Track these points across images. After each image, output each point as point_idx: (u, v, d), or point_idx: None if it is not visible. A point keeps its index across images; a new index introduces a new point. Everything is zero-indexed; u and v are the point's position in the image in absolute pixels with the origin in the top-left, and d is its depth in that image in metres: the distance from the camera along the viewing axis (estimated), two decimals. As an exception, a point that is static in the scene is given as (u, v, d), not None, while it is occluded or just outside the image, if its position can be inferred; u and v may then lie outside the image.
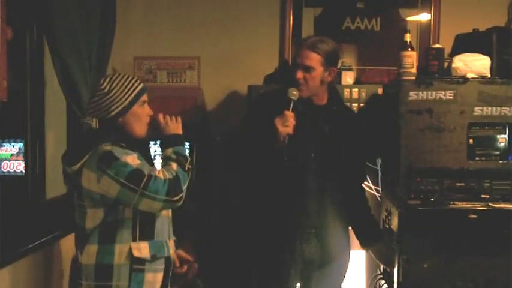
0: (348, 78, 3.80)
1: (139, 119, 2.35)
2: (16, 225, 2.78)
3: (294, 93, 2.70)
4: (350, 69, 3.82)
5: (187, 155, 2.39)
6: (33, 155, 3.20)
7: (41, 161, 3.24)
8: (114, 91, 2.30)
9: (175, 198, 2.24)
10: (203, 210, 3.75)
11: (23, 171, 3.37)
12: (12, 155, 3.63)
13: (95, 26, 3.28)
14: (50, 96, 3.37)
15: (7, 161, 3.63)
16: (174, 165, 2.28)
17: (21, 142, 3.54)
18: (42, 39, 3.16)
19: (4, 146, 3.65)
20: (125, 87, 2.31)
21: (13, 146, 3.64)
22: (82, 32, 3.09)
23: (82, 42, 3.08)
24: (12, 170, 3.62)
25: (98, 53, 3.31)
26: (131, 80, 2.34)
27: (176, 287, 2.62)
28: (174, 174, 2.25)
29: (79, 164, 2.26)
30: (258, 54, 4.07)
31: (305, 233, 2.81)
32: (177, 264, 2.55)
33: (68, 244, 2.98)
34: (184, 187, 2.28)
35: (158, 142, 2.47)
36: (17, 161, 3.61)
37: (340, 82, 3.72)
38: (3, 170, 3.63)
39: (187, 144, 3.62)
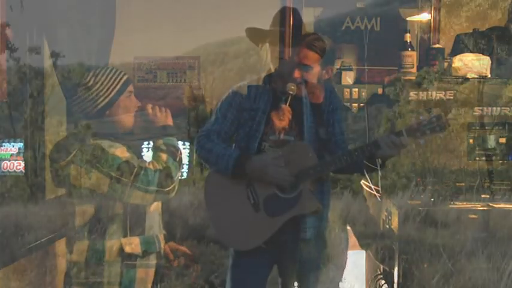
0: (348, 78, 3.80)
1: (127, 110, 2.31)
2: (16, 225, 2.77)
3: (292, 88, 2.68)
4: (350, 69, 3.82)
5: (179, 145, 2.34)
6: (33, 155, 3.20)
7: (41, 161, 3.24)
8: (99, 83, 2.26)
9: (167, 189, 2.22)
10: (200, 208, 3.75)
11: (23, 171, 3.37)
12: (12, 155, 3.63)
13: (95, 26, 3.28)
14: (50, 96, 3.36)
15: (7, 161, 3.63)
16: (164, 156, 2.25)
17: (21, 142, 3.54)
18: (42, 39, 3.16)
19: (4, 146, 3.64)
20: (110, 79, 2.27)
21: (13, 146, 3.63)
22: (82, 32, 3.09)
23: (82, 42, 3.08)
24: (12, 170, 3.62)
25: (98, 53, 3.31)
26: (115, 71, 2.30)
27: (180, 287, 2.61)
28: (165, 165, 2.22)
29: (67, 160, 2.24)
30: (258, 54, 4.07)
31: (303, 232, 2.80)
32: (171, 257, 2.51)
33: (67, 244, 2.98)
34: (176, 177, 2.24)
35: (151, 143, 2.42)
36: (17, 161, 3.61)
37: (340, 82, 3.71)
38: (3, 170, 3.62)
39: (187, 144, 3.64)
